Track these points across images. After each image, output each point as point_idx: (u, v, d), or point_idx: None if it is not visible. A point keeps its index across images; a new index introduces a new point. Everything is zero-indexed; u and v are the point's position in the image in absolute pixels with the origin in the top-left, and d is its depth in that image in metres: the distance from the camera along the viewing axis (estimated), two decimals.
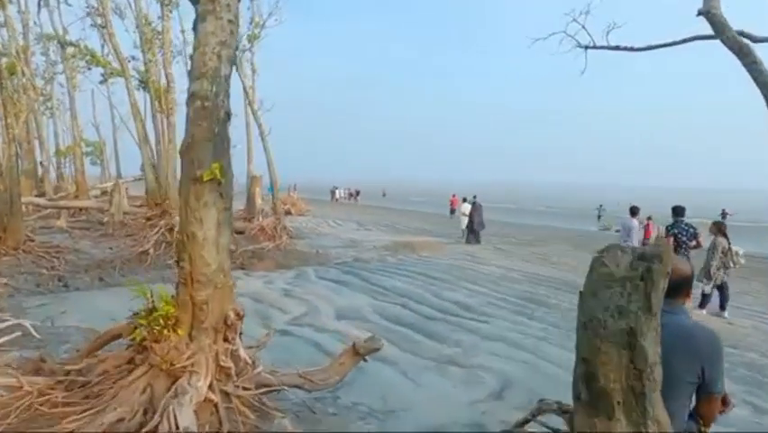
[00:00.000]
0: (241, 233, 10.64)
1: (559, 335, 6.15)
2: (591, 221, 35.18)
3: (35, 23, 17.86)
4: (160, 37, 10.85)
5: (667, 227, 7.56)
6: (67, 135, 26.58)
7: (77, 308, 6.39)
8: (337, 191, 45.92)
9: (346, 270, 10.09)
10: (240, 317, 3.24)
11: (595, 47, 7.47)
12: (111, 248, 8.44)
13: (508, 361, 5.17)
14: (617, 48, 7.21)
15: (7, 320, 4.65)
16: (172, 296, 3.18)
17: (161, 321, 2.97)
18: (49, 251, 7.73)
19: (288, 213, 21.43)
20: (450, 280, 9.37)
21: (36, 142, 18.18)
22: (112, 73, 15.11)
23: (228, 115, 3.09)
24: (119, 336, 3.42)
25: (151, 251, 8.40)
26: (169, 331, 2.96)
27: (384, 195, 67.22)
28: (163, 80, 11.96)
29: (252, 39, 11.30)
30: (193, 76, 2.94)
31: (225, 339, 3.14)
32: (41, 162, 18.37)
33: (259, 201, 12.39)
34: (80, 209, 12.18)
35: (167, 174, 10.31)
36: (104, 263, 7.73)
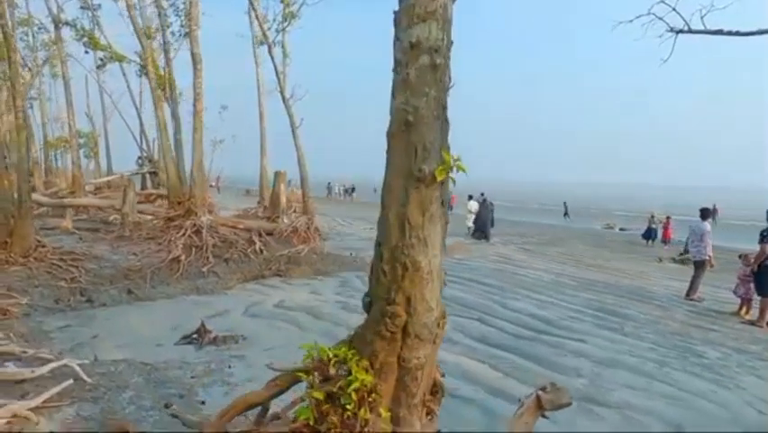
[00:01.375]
0: (270, 234, 9.55)
1: (676, 358, 5.36)
2: (589, 219, 35.00)
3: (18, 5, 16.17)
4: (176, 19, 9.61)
5: (762, 233, 6.85)
6: (53, 126, 24.64)
7: (110, 331, 5.28)
8: (335, 187, 44.65)
9: None
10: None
11: (690, 31, 6.64)
12: (135, 254, 7.27)
13: (651, 396, 4.35)
14: (718, 32, 6.40)
15: (48, 359, 3.53)
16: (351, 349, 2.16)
17: (353, 396, 1.95)
18: (64, 258, 6.52)
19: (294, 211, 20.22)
20: (506, 288, 8.53)
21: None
22: (112, 58, 13.65)
23: (450, 80, 2.07)
24: (259, 403, 2.39)
25: (183, 257, 7.27)
26: (366, 411, 1.95)
27: (375, 191, 66.43)
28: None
29: (289, 17, 10.04)
30: (409, 18, 1.91)
31: (428, 412, 2.15)
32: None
33: (284, 199, 11.27)
34: (86, 208, 10.81)
35: (187, 168, 9.08)
36: (131, 273, 6.58)
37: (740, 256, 7.78)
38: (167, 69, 10.15)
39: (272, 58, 10.00)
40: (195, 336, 5.17)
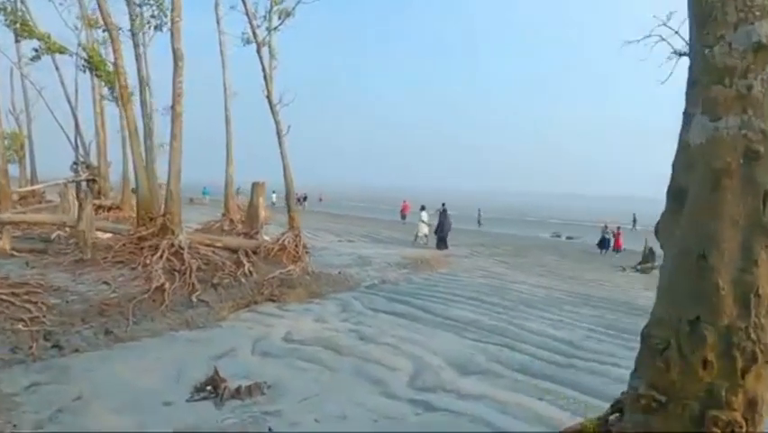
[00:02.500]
0: (254, 253, 8.52)
1: None
2: (531, 227, 36.69)
3: None
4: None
5: None
6: None
7: (96, 387, 4.18)
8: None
9: (389, 296, 8.54)
10: None
11: None
12: (106, 283, 5.96)
13: None
14: None
15: None
16: None
17: None
18: (16, 292, 5.09)
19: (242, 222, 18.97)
20: (511, 307, 8.29)
21: None
22: (49, 49, 11.70)
23: None
24: None
25: (167, 285, 6.11)
26: None
27: (321, 200, 65.02)
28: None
29: (284, 15, 9.00)
30: (744, 12, 1.39)
31: None
32: None
33: (263, 213, 10.21)
34: (27, 225, 8.86)
35: (156, 180, 7.81)
36: (106, 308, 5.34)
37: None
38: (139, 65, 8.76)
39: (261, 58, 8.97)
40: (209, 387, 4.24)
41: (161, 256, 6.82)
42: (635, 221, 38.62)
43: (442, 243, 16.85)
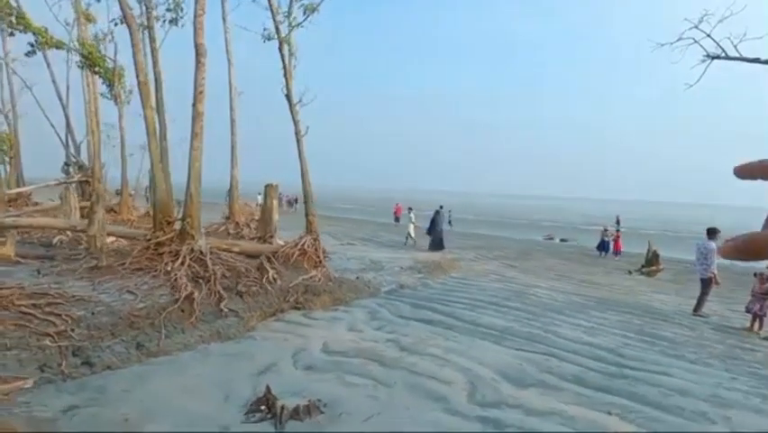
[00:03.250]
0: (269, 258, 8.13)
1: None
2: (523, 229, 36.94)
3: None
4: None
5: None
6: None
7: (140, 408, 3.79)
8: (282, 198, 42.13)
9: (413, 302, 8.27)
10: None
11: (727, 57, 6.82)
12: (132, 293, 5.50)
13: None
14: (755, 60, 6.61)
15: None
16: None
17: None
18: (37, 303, 4.64)
19: (247, 225, 18.55)
20: (536, 312, 8.12)
21: None
22: (46, 43, 11.04)
23: None
24: None
25: (195, 294, 5.69)
26: None
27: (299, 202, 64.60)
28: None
29: (308, 11, 8.54)
30: None
31: None
32: None
33: (276, 217, 9.81)
34: (33, 228, 8.28)
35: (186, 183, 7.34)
36: (136, 319, 4.92)
37: (755, 274, 8.16)
38: (155, 61, 8.24)
39: (282, 57, 8.54)
40: (263, 407, 3.90)
41: (183, 263, 6.40)
42: (618, 222, 39.49)
43: (435, 245, 16.73)
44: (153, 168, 6.87)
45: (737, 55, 6.66)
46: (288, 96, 8.66)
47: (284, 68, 8.61)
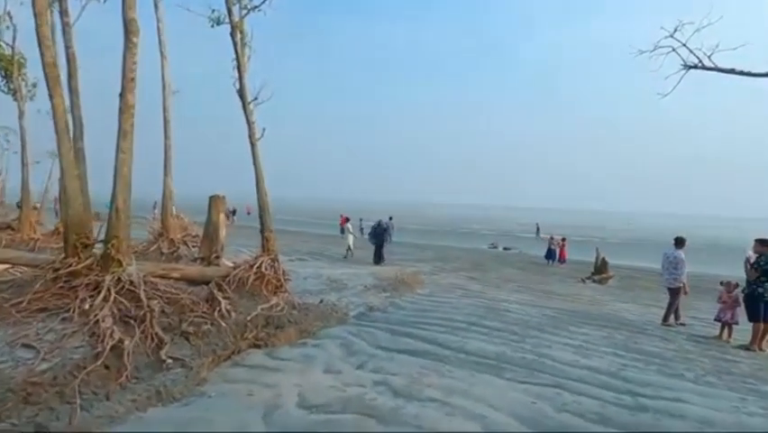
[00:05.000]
0: (218, 284, 6.70)
1: None
2: (466, 238, 37.56)
3: None
4: None
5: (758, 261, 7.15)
6: None
7: None
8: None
9: (388, 328, 7.28)
10: None
11: (704, 67, 6.74)
12: (29, 346, 3.86)
13: None
14: (731, 71, 6.58)
15: None
16: None
17: None
18: None
19: (184, 243, 16.54)
20: (518, 332, 7.52)
21: None
22: None
23: None
24: None
25: (126, 342, 4.20)
26: None
27: (248, 213, 61.70)
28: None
29: None
30: None
31: None
32: None
33: (223, 233, 8.30)
34: None
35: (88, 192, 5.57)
36: (36, 389, 3.37)
37: (721, 283, 8.22)
38: (68, 39, 6.41)
39: (235, 45, 7.11)
40: None
41: (107, 299, 4.85)
42: (538, 230, 41.78)
43: (376, 257, 16.16)
44: (65, 175, 5.21)
45: (713, 65, 6.63)
46: (241, 93, 7.34)
47: (237, 59, 7.27)
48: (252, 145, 7.40)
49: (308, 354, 5.84)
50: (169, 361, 4.37)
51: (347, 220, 18.70)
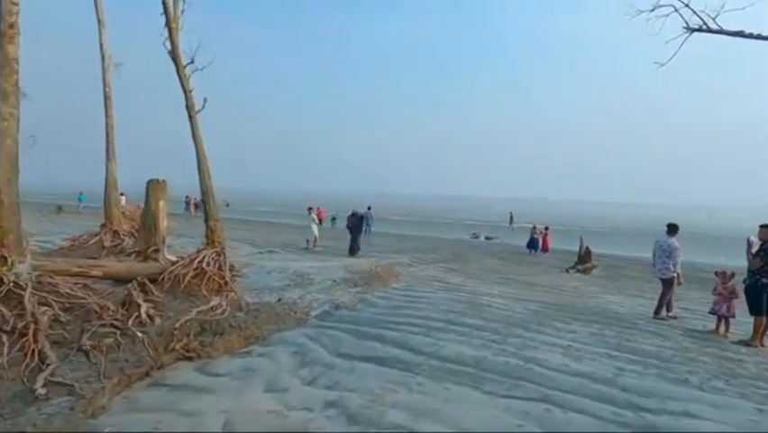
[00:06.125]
0: (153, 282, 5.62)
1: None
2: (448, 228, 36.91)
3: None
4: None
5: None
6: None
7: None
8: (192, 201, 37.08)
9: (354, 330, 6.31)
10: None
11: (708, 30, 5.89)
12: None
13: None
14: (738, 34, 5.74)
15: None
16: None
17: None
18: None
19: (132, 235, 15.28)
20: (502, 331, 6.67)
21: None
22: None
23: None
24: None
25: None
26: None
27: (227, 205, 60.15)
28: None
29: None
30: None
31: None
32: None
33: (164, 224, 7.15)
34: None
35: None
36: None
37: (716, 273, 7.51)
38: None
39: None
40: None
41: None
42: (511, 219, 41.50)
43: (352, 247, 15.23)
44: None
45: (718, 28, 5.80)
46: (174, 55, 6.15)
47: (165, 13, 6.04)
48: (191, 118, 6.25)
49: (250, 366, 4.82)
50: (41, 391, 3.27)
51: (310, 210, 17.33)
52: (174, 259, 6.87)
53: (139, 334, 4.39)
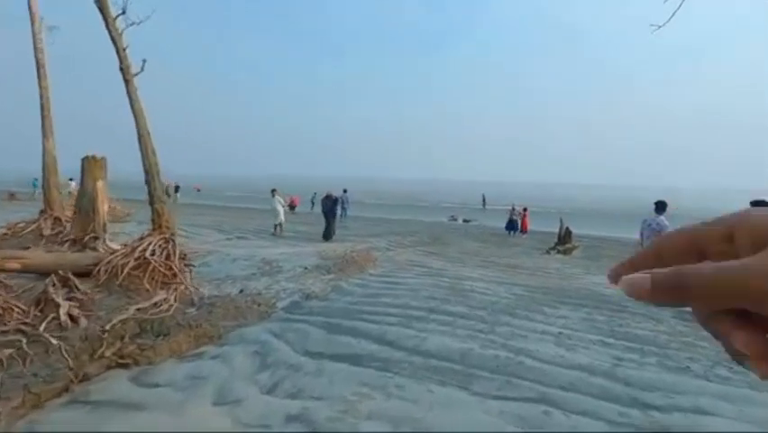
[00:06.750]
0: (86, 275, 4.74)
1: None
2: (425, 212, 36.49)
3: None
4: None
5: None
6: None
7: None
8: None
9: (325, 322, 5.62)
10: None
11: None
12: None
13: None
14: None
15: None
16: None
17: None
18: None
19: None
20: (489, 319, 6.12)
21: None
22: None
23: None
24: None
25: None
26: None
27: (198, 190, 58.17)
28: None
29: None
30: None
31: None
32: None
33: (104, 207, 6.17)
34: None
35: None
36: None
37: None
38: None
39: None
40: None
41: None
42: (484, 201, 41.70)
43: (327, 231, 14.57)
44: None
45: None
46: (100, 4, 5.10)
47: None
48: (126, 82, 5.27)
49: (199, 372, 4.06)
50: None
51: (273, 192, 16.07)
52: (117, 247, 5.95)
53: (53, 341, 3.55)
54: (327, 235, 14.41)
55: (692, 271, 0.27)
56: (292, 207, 29.98)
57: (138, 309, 4.40)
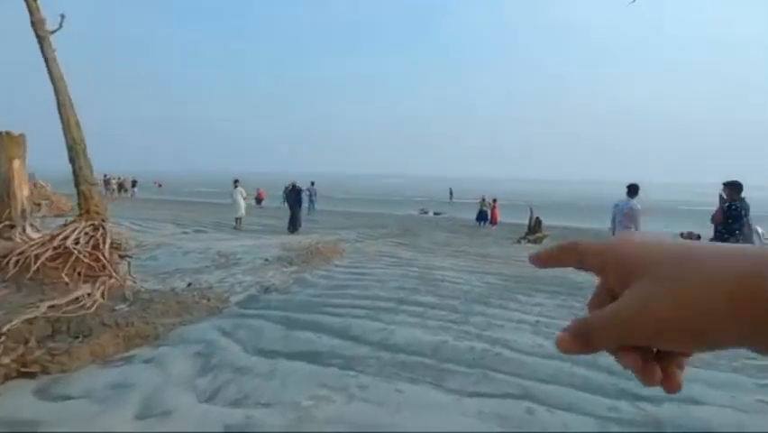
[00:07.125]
0: None
1: None
2: (396, 205, 36.14)
3: None
4: None
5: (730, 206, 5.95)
6: None
7: None
8: (114, 181, 32.87)
9: (283, 317, 5.04)
10: None
11: None
12: None
13: None
14: None
15: None
16: None
17: None
18: None
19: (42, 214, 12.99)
20: (462, 309, 5.71)
21: None
22: None
23: None
24: None
25: None
26: None
27: (159, 186, 55.57)
28: None
29: None
30: None
31: None
32: None
33: (24, 192, 5.29)
34: None
35: None
36: None
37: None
38: None
39: None
40: None
41: None
42: (451, 194, 42.57)
43: (292, 223, 13.98)
44: None
45: None
46: None
47: None
48: (40, 40, 4.44)
49: (125, 379, 3.40)
50: None
51: (236, 182, 15.11)
52: (38, 237, 5.11)
53: None
54: (293, 227, 13.72)
55: (593, 325, 0.32)
56: (258, 200, 28.81)
57: (51, 306, 3.67)
